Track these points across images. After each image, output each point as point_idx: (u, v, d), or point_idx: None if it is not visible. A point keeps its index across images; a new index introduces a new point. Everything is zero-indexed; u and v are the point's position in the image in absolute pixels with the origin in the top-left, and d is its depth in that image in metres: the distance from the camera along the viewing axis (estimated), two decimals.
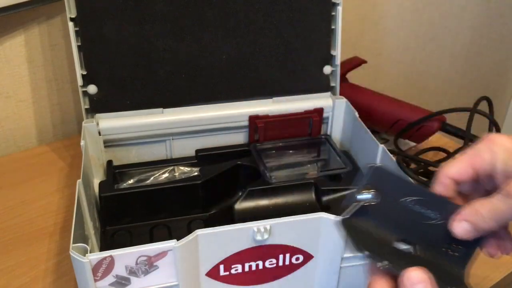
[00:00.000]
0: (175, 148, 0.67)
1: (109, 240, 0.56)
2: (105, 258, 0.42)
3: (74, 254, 0.42)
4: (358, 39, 1.07)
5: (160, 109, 0.65)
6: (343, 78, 0.79)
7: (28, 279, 0.55)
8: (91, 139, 0.63)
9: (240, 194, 0.59)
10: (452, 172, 0.39)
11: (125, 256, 0.43)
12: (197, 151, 0.66)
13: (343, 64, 0.76)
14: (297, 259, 0.49)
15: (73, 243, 0.43)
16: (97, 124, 0.62)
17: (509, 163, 0.36)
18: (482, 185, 0.39)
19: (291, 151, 0.67)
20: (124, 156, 0.65)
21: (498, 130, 0.67)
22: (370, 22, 1.07)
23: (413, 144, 0.76)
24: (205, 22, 0.63)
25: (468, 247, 0.38)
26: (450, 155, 0.69)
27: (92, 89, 0.62)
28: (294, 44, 0.66)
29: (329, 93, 0.70)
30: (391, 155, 0.57)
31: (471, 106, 0.69)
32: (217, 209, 0.60)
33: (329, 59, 0.68)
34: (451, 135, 0.70)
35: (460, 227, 0.38)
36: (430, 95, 1.31)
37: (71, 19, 0.59)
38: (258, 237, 0.46)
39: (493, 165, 0.37)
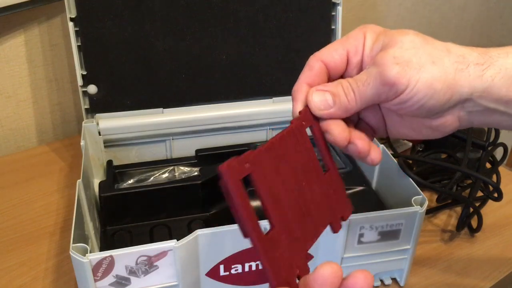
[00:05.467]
0: (175, 148, 0.67)
1: (109, 240, 0.56)
2: (105, 258, 0.42)
3: (74, 254, 0.42)
4: None
5: (160, 109, 0.65)
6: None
7: (28, 278, 0.55)
8: (91, 139, 0.63)
9: None
10: (324, 54, 0.37)
11: (125, 256, 0.43)
12: (197, 151, 0.66)
13: None
14: None
15: (73, 243, 0.43)
16: (97, 124, 0.62)
17: (374, 45, 0.36)
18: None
19: None
20: (124, 156, 0.65)
21: (497, 130, 0.67)
22: (370, 22, 1.07)
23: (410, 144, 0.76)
24: (205, 22, 0.63)
25: None
26: (451, 155, 0.69)
27: (92, 89, 0.62)
28: (294, 44, 0.66)
29: None
30: (391, 155, 0.57)
31: None
32: (217, 209, 0.60)
33: None
34: (450, 136, 0.70)
35: (321, 96, 0.35)
36: None
37: (71, 19, 0.59)
38: None
39: (362, 46, 0.37)
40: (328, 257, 0.50)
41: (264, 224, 0.31)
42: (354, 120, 0.40)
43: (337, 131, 0.36)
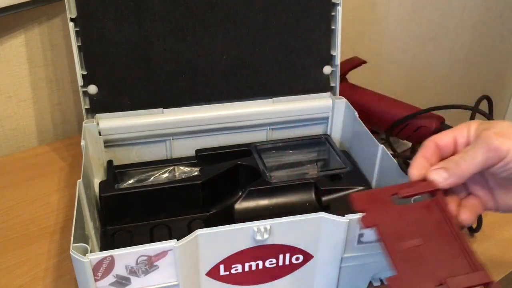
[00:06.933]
0: (175, 148, 0.67)
1: (109, 240, 0.56)
2: (105, 258, 0.43)
3: (74, 254, 0.42)
4: (358, 39, 1.07)
5: (160, 109, 0.65)
6: (343, 78, 0.79)
7: (28, 278, 0.55)
8: (92, 139, 0.63)
9: (240, 194, 0.59)
10: (437, 137, 0.46)
11: (125, 256, 0.43)
12: (197, 151, 0.66)
13: (342, 64, 0.76)
14: (297, 259, 0.49)
15: (74, 243, 0.43)
16: (98, 124, 0.62)
17: (477, 129, 0.45)
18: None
19: (291, 151, 0.67)
20: (124, 156, 0.65)
21: None
22: (370, 22, 1.07)
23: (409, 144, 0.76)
24: (205, 22, 0.63)
25: None
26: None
27: (92, 89, 0.62)
28: (294, 44, 0.66)
29: (329, 93, 0.70)
30: (391, 155, 0.58)
31: (471, 105, 0.69)
32: (217, 209, 0.60)
33: (329, 59, 0.68)
34: None
35: (437, 174, 0.44)
36: (429, 95, 1.31)
37: (71, 19, 0.59)
38: (258, 237, 0.46)
39: (468, 134, 0.45)
40: (328, 257, 0.50)
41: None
42: (463, 195, 0.47)
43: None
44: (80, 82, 0.61)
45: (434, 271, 0.38)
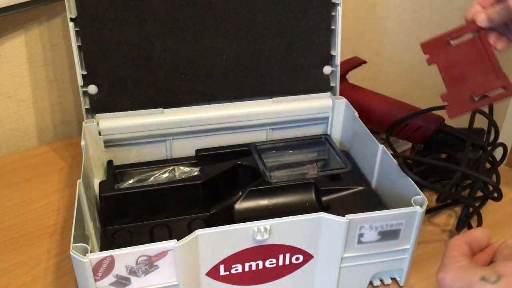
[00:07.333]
0: (175, 148, 0.67)
1: (109, 240, 0.56)
2: (105, 258, 0.43)
3: (74, 254, 0.42)
4: (358, 39, 1.07)
5: (160, 109, 0.65)
6: (343, 78, 0.79)
7: (28, 278, 0.55)
8: (92, 139, 0.63)
9: (240, 194, 0.59)
10: None
11: (126, 256, 0.43)
12: (197, 151, 0.66)
13: (343, 64, 0.76)
14: (297, 259, 0.49)
15: (74, 243, 0.43)
16: (98, 124, 0.62)
17: None
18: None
19: (291, 151, 0.67)
20: (124, 156, 0.65)
21: (496, 130, 0.67)
22: (370, 22, 1.07)
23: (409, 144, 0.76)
24: (205, 22, 0.63)
25: None
26: (450, 155, 0.69)
27: (92, 89, 0.62)
28: (294, 44, 0.66)
29: (329, 93, 0.70)
30: (391, 155, 0.58)
31: None
32: (217, 209, 0.60)
33: (329, 59, 0.68)
34: (449, 136, 0.70)
35: (479, 15, 0.55)
36: (430, 95, 1.31)
37: (71, 19, 0.59)
38: (258, 237, 0.46)
39: None
40: (328, 257, 0.50)
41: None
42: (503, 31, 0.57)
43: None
44: (80, 82, 0.62)
45: (472, 86, 0.56)
